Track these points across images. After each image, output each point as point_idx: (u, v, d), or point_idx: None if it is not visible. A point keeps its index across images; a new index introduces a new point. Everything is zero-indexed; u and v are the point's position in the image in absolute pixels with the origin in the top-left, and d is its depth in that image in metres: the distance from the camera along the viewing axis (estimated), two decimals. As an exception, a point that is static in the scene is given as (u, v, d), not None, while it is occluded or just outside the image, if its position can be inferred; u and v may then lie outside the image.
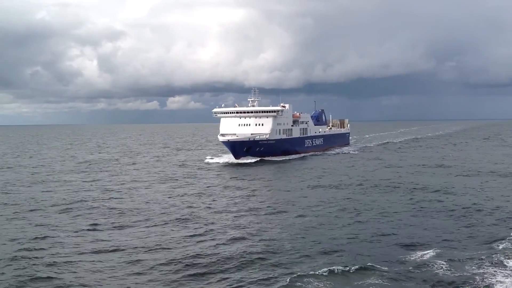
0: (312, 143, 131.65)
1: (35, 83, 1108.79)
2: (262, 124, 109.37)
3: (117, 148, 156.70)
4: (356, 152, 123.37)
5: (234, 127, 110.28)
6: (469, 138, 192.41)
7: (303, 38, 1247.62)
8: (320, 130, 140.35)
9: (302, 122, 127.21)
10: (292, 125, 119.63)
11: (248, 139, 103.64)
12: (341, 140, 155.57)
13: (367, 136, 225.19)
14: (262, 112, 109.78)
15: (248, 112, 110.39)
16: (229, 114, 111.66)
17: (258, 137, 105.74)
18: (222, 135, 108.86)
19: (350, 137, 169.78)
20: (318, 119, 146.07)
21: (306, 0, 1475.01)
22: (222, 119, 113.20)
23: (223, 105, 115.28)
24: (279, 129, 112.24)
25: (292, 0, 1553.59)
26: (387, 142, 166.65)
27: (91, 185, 66.30)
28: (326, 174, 76.92)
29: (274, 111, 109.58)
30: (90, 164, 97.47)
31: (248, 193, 57.66)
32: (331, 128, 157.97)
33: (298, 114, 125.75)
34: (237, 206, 49.24)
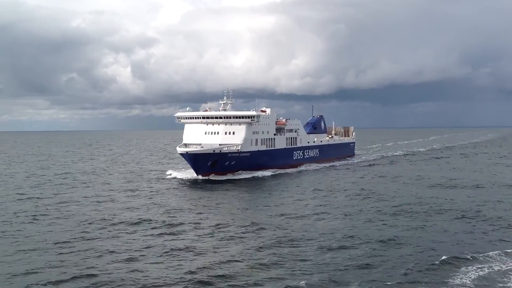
0: (304, 155, 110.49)
1: (70, 89, 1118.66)
2: (233, 133, 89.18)
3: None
4: (360, 167, 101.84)
5: (199, 135, 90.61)
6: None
7: (335, 44, 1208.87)
8: (316, 139, 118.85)
9: (290, 131, 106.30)
10: (275, 134, 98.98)
11: (213, 151, 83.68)
12: (344, 150, 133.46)
13: (377, 144, 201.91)
14: (233, 117, 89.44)
15: (216, 118, 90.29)
16: (194, 120, 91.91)
17: (226, 148, 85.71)
18: (185, 145, 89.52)
19: (355, 147, 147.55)
20: (315, 127, 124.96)
21: (338, 6, 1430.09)
22: (186, 126, 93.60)
23: (188, 109, 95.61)
24: (256, 139, 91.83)
25: (324, 6, 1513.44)
26: (405, 154, 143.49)
27: None
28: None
29: (248, 117, 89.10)
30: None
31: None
32: (332, 137, 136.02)
33: (284, 120, 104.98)
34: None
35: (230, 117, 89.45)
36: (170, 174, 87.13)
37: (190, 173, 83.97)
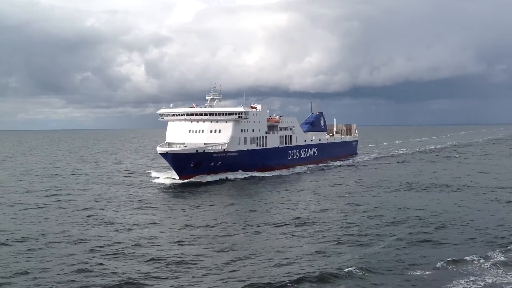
0: (300, 154, 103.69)
1: (85, 88, 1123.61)
2: (219, 131, 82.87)
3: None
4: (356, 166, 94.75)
5: (183, 134, 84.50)
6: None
7: (348, 41, 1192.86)
8: (314, 137, 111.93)
9: (285, 128, 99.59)
10: (267, 132, 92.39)
11: (196, 151, 77.35)
12: (345, 149, 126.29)
13: (383, 142, 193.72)
14: (219, 114, 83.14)
15: (201, 115, 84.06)
16: (178, 117, 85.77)
17: (211, 148, 79.41)
18: (168, 144, 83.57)
19: (358, 145, 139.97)
20: (314, 124, 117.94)
21: (351, 3, 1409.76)
22: (169, 124, 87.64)
23: (171, 105, 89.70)
24: (244, 137, 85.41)
25: (337, 3, 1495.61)
26: (413, 152, 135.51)
27: None
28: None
29: (236, 113, 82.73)
30: None
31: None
32: (333, 135, 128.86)
33: (277, 117, 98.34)
34: None
35: (215, 114, 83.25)
36: (151, 175, 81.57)
37: (172, 174, 78.16)
